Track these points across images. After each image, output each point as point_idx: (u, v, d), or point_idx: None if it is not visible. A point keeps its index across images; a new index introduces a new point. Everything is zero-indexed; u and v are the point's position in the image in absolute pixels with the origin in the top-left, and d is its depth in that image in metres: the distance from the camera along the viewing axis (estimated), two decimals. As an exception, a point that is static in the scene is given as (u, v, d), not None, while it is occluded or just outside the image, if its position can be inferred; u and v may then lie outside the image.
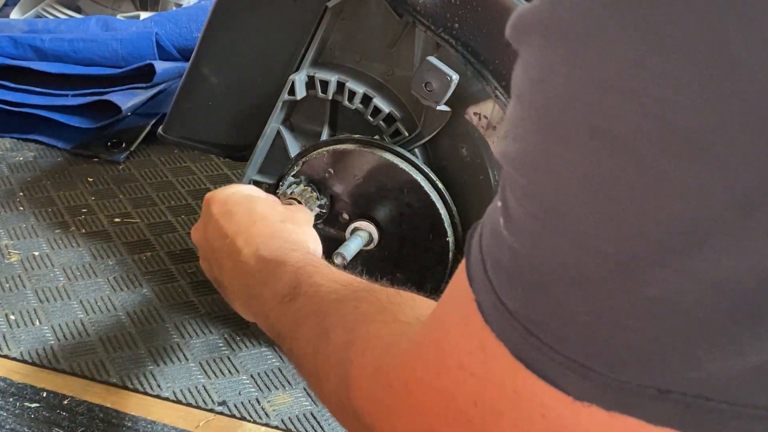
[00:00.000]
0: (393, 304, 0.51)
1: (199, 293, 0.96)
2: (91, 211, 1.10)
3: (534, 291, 0.34)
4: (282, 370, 0.86)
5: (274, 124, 0.88)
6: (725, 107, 0.27)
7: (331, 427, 0.79)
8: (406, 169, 0.80)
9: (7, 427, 0.76)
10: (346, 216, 0.84)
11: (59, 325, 0.90)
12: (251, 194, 0.75)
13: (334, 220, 0.85)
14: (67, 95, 1.28)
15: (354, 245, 0.81)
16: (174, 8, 1.55)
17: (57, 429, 0.76)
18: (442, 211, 0.81)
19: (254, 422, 0.79)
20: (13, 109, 1.28)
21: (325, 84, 0.84)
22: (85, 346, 0.87)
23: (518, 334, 0.34)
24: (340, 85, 0.83)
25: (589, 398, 0.33)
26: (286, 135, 0.88)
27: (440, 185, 0.81)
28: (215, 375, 0.85)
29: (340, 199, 0.84)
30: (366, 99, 0.82)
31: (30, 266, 0.99)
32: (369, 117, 0.82)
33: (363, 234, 0.82)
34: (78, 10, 1.62)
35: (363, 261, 0.84)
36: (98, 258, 1.01)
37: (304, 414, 0.80)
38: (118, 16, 1.53)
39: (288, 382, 0.84)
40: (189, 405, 0.81)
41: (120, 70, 1.32)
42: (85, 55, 1.34)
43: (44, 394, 0.80)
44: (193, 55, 0.92)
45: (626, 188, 0.30)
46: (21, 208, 1.10)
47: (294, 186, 0.84)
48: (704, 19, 0.27)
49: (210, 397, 0.82)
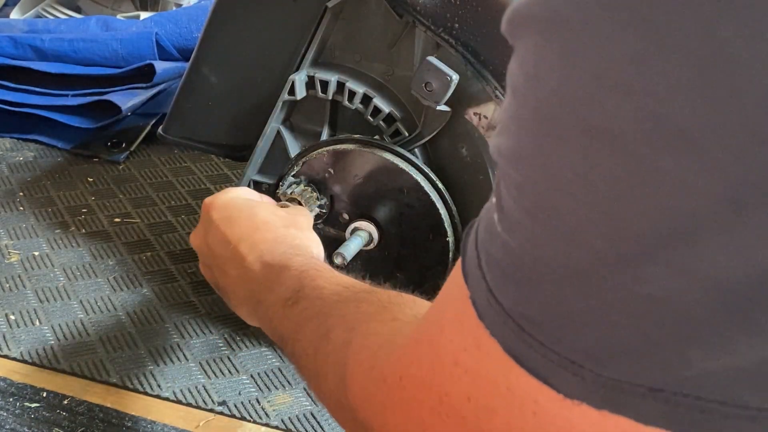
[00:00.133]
0: (393, 304, 0.52)
1: (199, 293, 0.96)
2: (91, 211, 1.10)
3: (526, 287, 0.34)
4: (282, 370, 0.86)
5: (274, 124, 0.88)
6: (719, 104, 0.27)
7: (331, 427, 0.79)
8: (406, 169, 0.80)
9: (7, 427, 0.76)
10: (346, 216, 0.84)
11: (59, 325, 0.90)
12: (251, 198, 0.75)
13: (334, 220, 0.85)
14: (67, 95, 1.28)
15: (354, 245, 0.81)
16: (174, 8, 1.55)
17: (57, 429, 0.76)
18: (442, 211, 0.81)
19: (254, 422, 0.79)
20: (13, 109, 1.28)
21: (325, 84, 0.84)
22: (85, 346, 0.87)
23: (511, 330, 0.34)
24: (340, 85, 0.83)
25: (580, 396, 0.33)
26: (286, 135, 0.88)
27: (440, 185, 0.81)
28: (215, 375, 0.85)
29: (340, 199, 0.84)
30: (366, 99, 0.82)
31: (30, 266, 0.99)
32: (369, 117, 0.82)
33: (363, 234, 0.82)
34: (78, 10, 1.62)
35: (363, 261, 0.84)
36: (98, 258, 1.01)
37: (304, 414, 0.80)
38: (118, 16, 1.53)
39: (288, 382, 0.84)
40: (189, 405, 0.81)
41: (120, 70, 1.32)
42: (85, 55, 1.34)
43: (44, 394, 0.80)
44: (193, 55, 0.92)
45: (619, 184, 0.30)
46: (21, 208, 1.10)
47: (294, 186, 0.84)
48: (699, 17, 0.27)
49: (210, 397, 0.82)
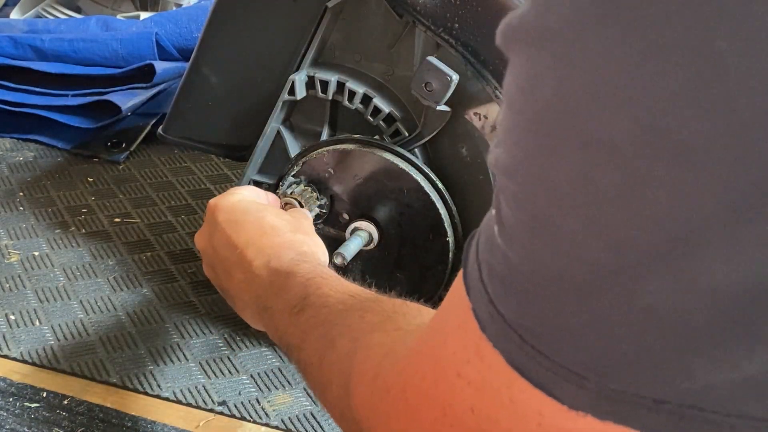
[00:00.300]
0: (398, 314, 0.52)
1: (199, 293, 0.96)
2: (91, 211, 1.10)
3: (528, 299, 0.34)
4: (282, 370, 0.86)
5: (274, 124, 0.88)
6: (715, 115, 0.27)
7: (331, 427, 0.79)
8: (406, 169, 0.80)
9: (7, 427, 0.76)
10: (346, 216, 0.84)
11: (59, 325, 0.90)
12: (257, 201, 0.75)
13: (334, 220, 0.85)
14: (67, 95, 1.28)
15: (354, 245, 0.81)
16: (174, 8, 1.55)
17: (57, 429, 0.76)
18: (442, 211, 0.81)
19: (254, 422, 0.79)
20: (13, 109, 1.28)
21: (325, 84, 0.84)
22: (85, 346, 0.87)
23: (513, 342, 0.34)
24: (340, 85, 0.83)
25: (583, 408, 0.33)
26: (286, 135, 0.88)
27: (440, 185, 0.81)
28: (215, 375, 0.85)
29: (340, 199, 0.84)
30: (366, 99, 0.82)
31: (30, 266, 0.99)
32: (369, 117, 0.82)
33: (363, 234, 0.82)
34: (78, 10, 1.62)
35: (363, 261, 0.84)
36: (98, 258, 1.01)
37: (304, 414, 0.80)
38: (118, 16, 1.53)
39: (288, 382, 0.84)
40: (189, 405, 0.81)
41: (120, 70, 1.32)
42: (85, 55, 1.34)
43: (44, 394, 0.80)
44: (193, 55, 0.92)
45: (616, 196, 0.30)
46: (21, 208, 1.10)
47: (294, 186, 0.84)
48: (694, 30, 0.27)
49: (210, 397, 0.82)
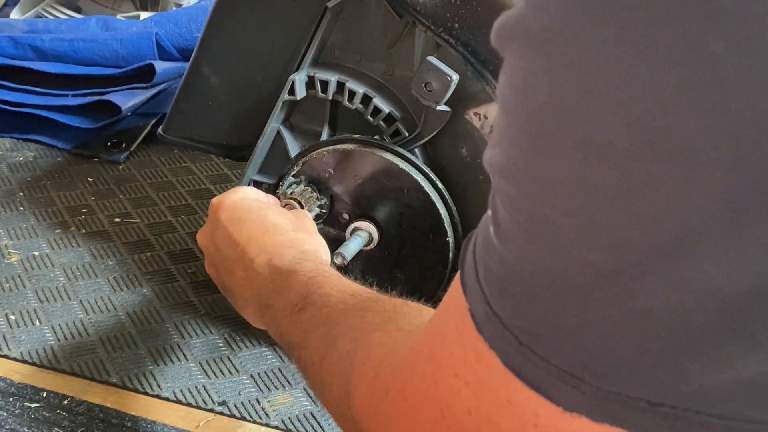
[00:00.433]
0: (398, 314, 0.52)
1: (199, 293, 0.96)
2: (91, 211, 1.10)
3: (523, 300, 0.34)
4: (282, 370, 0.86)
5: (274, 124, 0.88)
6: (711, 116, 0.27)
7: (331, 427, 0.79)
8: (406, 169, 0.80)
9: (7, 427, 0.76)
10: (346, 216, 0.84)
11: (59, 325, 0.90)
12: (259, 199, 0.75)
13: (334, 220, 0.85)
14: (67, 95, 1.28)
15: (354, 245, 0.81)
16: (174, 8, 1.55)
17: (57, 429, 0.76)
18: (442, 211, 0.81)
19: (254, 422, 0.79)
20: (13, 109, 1.28)
21: (325, 84, 0.84)
22: (85, 346, 0.87)
23: (509, 343, 0.34)
24: (340, 85, 0.83)
25: (579, 409, 0.33)
26: (286, 135, 0.88)
27: (440, 185, 0.81)
28: (215, 375, 0.85)
29: (340, 199, 0.84)
30: (366, 99, 0.82)
31: (30, 266, 0.99)
32: (369, 117, 0.82)
33: (363, 234, 0.82)
34: (78, 10, 1.62)
35: (363, 261, 0.84)
36: (98, 258, 1.01)
37: (304, 414, 0.80)
38: (118, 16, 1.53)
39: (288, 382, 0.84)
40: (189, 405, 0.81)
41: (120, 70, 1.32)
42: (85, 55, 1.34)
43: (44, 394, 0.80)
44: (193, 55, 0.92)
45: (612, 198, 0.30)
46: (21, 208, 1.10)
47: (294, 186, 0.84)
48: (689, 32, 0.27)
49: (210, 397, 0.82)
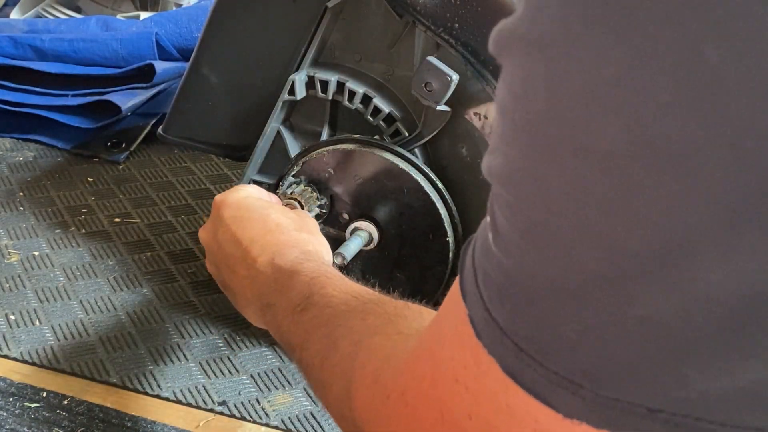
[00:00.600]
0: (399, 317, 0.52)
1: (199, 293, 0.96)
2: (91, 211, 1.10)
3: (522, 307, 0.34)
4: (282, 370, 0.86)
5: (274, 124, 0.88)
6: (708, 125, 0.27)
7: (331, 427, 0.79)
8: (406, 169, 0.80)
9: (7, 427, 0.76)
10: (346, 216, 0.84)
11: (59, 325, 0.90)
12: (262, 198, 0.75)
13: (334, 220, 0.85)
14: (67, 95, 1.28)
15: (354, 245, 0.81)
16: (174, 8, 1.55)
17: (57, 429, 0.76)
18: (442, 211, 0.81)
19: (254, 422, 0.79)
20: (13, 109, 1.28)
21: (325, 84, 0.84)
22: (85, 346, 0.87)
23: (508, 349, 0.34)
24: (340, 85, 0.83)
25: (579, 416, 0.33)
26: (286, 135, 0.88)
27: (440, 185, 0.81)
28: (215, 375, 0.85)
29: (340, 199, 0.84)
30: (366, 99, 0.82)
31: (30, 266, 0.99)
32: (369, 117, 0.82)
33: (363, 234, 0.82)
34: (78, 10, 1.62)
35: (363, 261, 0.84)
36: (98, 258, 1.01)
37: (304, 414, 0.80)
38: (118, 16, 1.53)
39: (288, 382, 0.84)
40: (189, 405, 0.81)
41: (120, 70, 1.32)
42: (85, 55, 1.34)
43: (44, 394, 0.80)
44: (193, 55, 0.92)
45: (610, 204, 0.30)
46: (21, 208, 1.10)
47: (294, 186, 0.84)
48: (685, 38, 0.27)
49: (210, 397, 0.82)
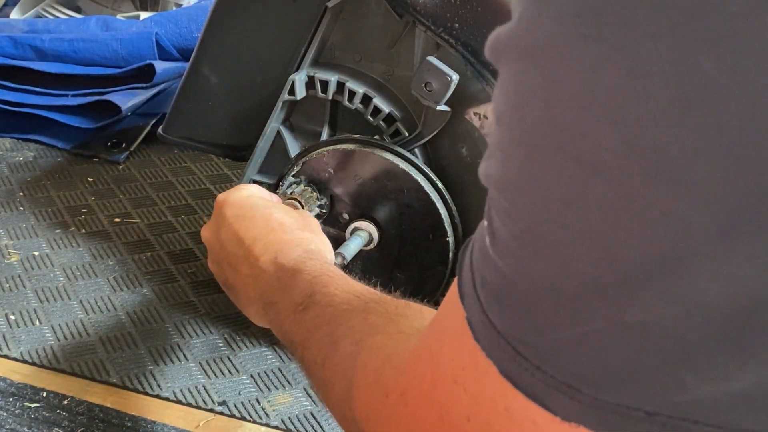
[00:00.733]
0: (400, 316, 0.52)
1: (199, 293, 0.96)
2: (91, 211, 1.10)
3: (520, 311, 0.34)
4: (282, 370, 0.86)
5: (274, 124, 0.88)
6: (703, 134, 0.27)
7: (331, 427, 0.79)
8: (406, 169, 0.80)
9: (7, 427, 0.76)
10: (346, 216, 0.84)
11: (59, 325, 0.90)
12: (264, 197, 0.75)
13: (334, 220, 0.85)
14: (67, 95, 1.28)
15: (354, 245, 0.81)
16: (174, 8, 1.55)
17: (57, 429, 0.76)
18: (442, 211, 0.81)
19: (254, 422, 0.79)
20: (13, 109, 1.28)
21: (325, 84, 0.84)
22: (85, 346, 0.87)
23: (506, 353, 0.34)
24: (340, 85, 0.83)
25: (577, 419, 0.33)
26: (286, 135, 0.88)
27: (440, 185, 0.81)
28: (215, 375, 0.85)
29: (340, 199, 0.84)
30: (366, 99, 0.82)
31: (30, 266, 0.99)
32: (369, 117, 0.82)
33: (363, 234, 0.82)
34: (78, 10, 1.62)
35: (363, 261, 0.84)
36: (98, 258, 1.01)
37: (304, 414, 0.80)
38: (118, 16, 1.53)
39: (288, 382, 0.84)
40: (189, 405, 0.81)
41: (120, 70, 1.32)
42: (85, 55, 1.34)
43: (44, 394, 0.80)
44: (193, 55, 0.92)
45: (607, 212, 0.30)
46: (21, 208, 1.10)
47: (294, 186, 0.84)
48: (679, 49, 0.27)
49: (210, 397, 0.82)
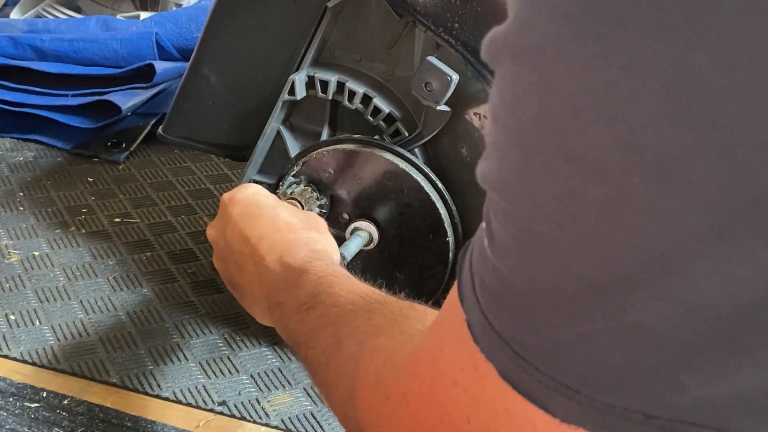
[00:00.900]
0: (404, 317, 0.52)
1: (199, 293, 0.96)
2: (91, 211, 1.10)
3: (518, 312, 0.34)
4: (282, 370, 0.86)
5: (274, 124, 0.88)
6: (697, 134, 0.27)
7: (331, 427, 0.79)
8: (406, 169, 0.80)
9: (7, 427, 0.76)
10: (346, 216, 0.84)
11: (59, 325, 0.90)
12: (270, 196, 0.75)
13: (334, 220, 0.85)
14: (67, 95, 1.28)
15: (354, 245, 0.81)
16: (174, 8, 1.55)
17: (57, 429, 0.76)
18: (442, 211, 0.81)
19: (254, 422, 0.79)
20: (13, 109, 1.28)
21: (325, 84, 0.84)
22: (85, 346, 0.87)
23: (505, 355, 0.34)
24: (340, 85, 0.83)
25: (575, 421, 0.33)
26: (286, 135, 0.88)
27: (440, 185, 0.81)
28: (215, 375, 0.85)
29: (340, 199, 0.84)
30: (366, 99, 0.82)
31: (30, 266, 0.99)
32: (369, 117, 0.82)
33: (363, 234, 0.82)
34: (78, 10, 1.62)
35: (363, 261, 0.84)
36: (98, 258, 1.01)
37: (304, 414, 0.80)
38: (118, 16, 1.53)
39: (288, 382, 0.84)
40: (189, 405, 0.81)
41: (120, 70, 1.32)
42: (85, 55, 1.34)
43: (44, 394, 0.80)
44: (193, 55, 0.92)
45: (602, 213, 0.30)
46: (21, 208, 1.10)
47: (294, 186, 0.84)
48: (673, 48, 0.27)
49: (210, 397, 0.82)
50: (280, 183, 0.86)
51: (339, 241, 0.82)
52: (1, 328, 0.89)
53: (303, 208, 0.82)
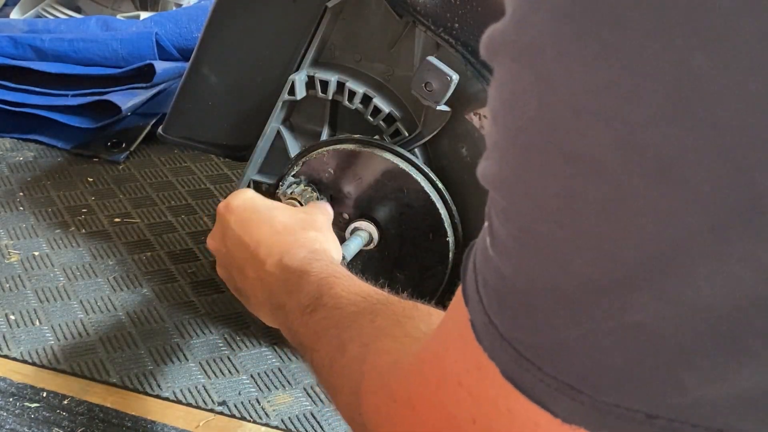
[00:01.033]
0: (407, 318, 0.52)
1: (199, 293, 0.96)
2: (91, 211, 1.10)
3: (520, 312, 0.34)
4: (282, 370, 0.86)
5: (274, 124, 0.88)
6: (696, 134, 0.27)
7: (331, 427, 0.79)
8: (406, 169, 0.80)
9: (7, 427, 0.76)
10: (346, 216, 0.84)
11: (59, 325, 0.90)
12: (265, 199, 0.75)
13: (334, 220, 0.85)
14: (67, 95, 1.28)
15: (354, 245, 0.81)
16: (174, 8, 1.55)
17: (57, 429, 0.76)
18: (442, 211, 0.81)
19: (254, 422, 0.79)
20: (13, 109, 1.28)
21: (325, 84, 0.84)
22: (85, 346, 0.87)
23: (508, 354, 0.34)
24: (340, 85, 0.83)
25: (578, 421, 0.33)
26: (286, 135, 0.88)
27: (440, 185, 0.81)
28: (215, 375, 0.85)
29: (340, 199, 0.84)
30: (366, 99, 0.82)
31: (30, 266, 0.99)
32: (369, 117, 0.82)
33: (363, 234, 0.82)
34: (78, 10, 1.62)
35: (363, 261, 0.84)
36: (98, 258, 1.01)
37: (304, 414, 0.80)
38: (118, 16, 1.53)
39: (288, 382, 0.84)
40: (189, 405, 0.81)
41: (120, 70, 1.32)
42: (85, 55, 1.34)
43: (44, 394, 0.80)
44: (193, 55, 0.92)
45: (601, 212, 0.30)
46: (21, 208, 1.10)
47: (294, 186, 0.84)
48: (672, 47, 0.27)
49: (210, 397, 0.82)
50: (280, 183, 0.86)
51: (339, 240, 0.82)
52: (1, 328, 0.89)
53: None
